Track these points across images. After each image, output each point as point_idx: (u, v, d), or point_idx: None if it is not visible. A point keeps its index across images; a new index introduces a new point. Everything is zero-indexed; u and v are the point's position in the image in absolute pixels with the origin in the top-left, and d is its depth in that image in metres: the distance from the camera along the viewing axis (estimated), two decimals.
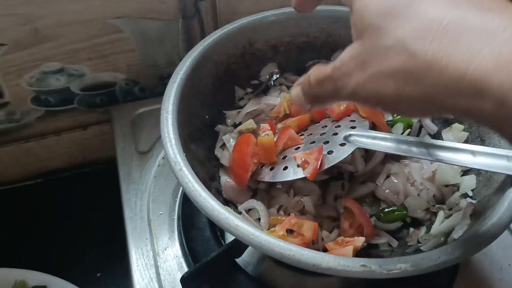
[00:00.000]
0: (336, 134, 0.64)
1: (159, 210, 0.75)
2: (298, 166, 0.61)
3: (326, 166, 0.59)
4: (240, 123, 0.72)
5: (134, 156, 0.83)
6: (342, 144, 0.62)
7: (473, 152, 0.55)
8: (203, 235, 0.69)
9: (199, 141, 0.66)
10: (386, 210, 0.66)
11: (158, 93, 0.99)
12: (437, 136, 0.71)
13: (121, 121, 0.88)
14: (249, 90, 0.75)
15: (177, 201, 0.75)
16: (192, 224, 0.71)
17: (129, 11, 0.87)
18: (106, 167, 0.90)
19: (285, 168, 0.62)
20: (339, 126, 0.66)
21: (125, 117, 0.89)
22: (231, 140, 0.68)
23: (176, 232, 0.72)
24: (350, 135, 0.63)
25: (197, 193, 0.50)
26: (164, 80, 1.01)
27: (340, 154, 0.60)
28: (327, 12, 0.74)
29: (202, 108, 0.67)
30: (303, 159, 0.60)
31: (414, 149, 0.58)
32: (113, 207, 0.79)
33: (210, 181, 0.65)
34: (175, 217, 0.74)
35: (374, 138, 0.62)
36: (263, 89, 0.76)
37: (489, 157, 0.52)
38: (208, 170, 0.66)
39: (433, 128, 0.71)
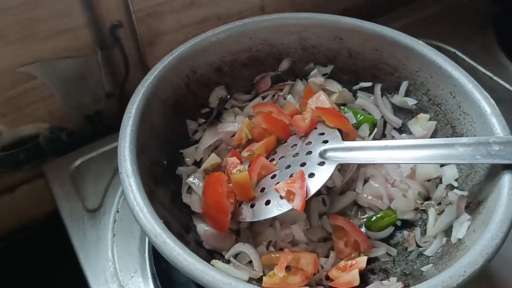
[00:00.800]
0: (310, 152, 0.60)
1: (129, 272, 0.67)
2: (281, 198, 0.56)
3: (312, 193, 0.55)
4: (201, 160, 0.66)
5: (84, 216, 0.73)
6: (321, 163, 0.58)
7: (452, 145, 0.54)
8: None
9: (165, 191, 0.59)
10: (375, 218, 0.63)
11: (88, 136, 0.90)
12: (404, 129, 0.69)
13: (58, 179, 0.78)
14: (201, 120, 0.68)
15: (147, 258, 0.68)
16: (173, 281, 0.64)
17: (40, 54, 0.77)
18: (48, 227, 0.81)
19: (267, 202, 0.57)
20: (310, 142, 0.62)
21: (62, 172, 0.79)
22: (197, 182, 0.62)
23: None
24: (325, 150, 0.60)
25: (193, 266, 0.43)
26: (92, 119, 0.92)
27: (323, 175, 0.57)
28: (266, 22, 0.69)
29: (160, 154, 0.60)
30: (286, 189, 0.55)
31: (395, 153, 0.56)
32: (70, 277, 0.70)
33: (186, 234, 0.58)
34: (149, 276, 0.66)
35: (351, 149, 0.59)
36: (215, 116, 0.69)
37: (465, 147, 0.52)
38: (181, 222, 0.59)
39: (398, 121, 0.69)
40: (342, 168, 0.64)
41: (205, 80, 0.68)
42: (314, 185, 0.55)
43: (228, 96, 0.71)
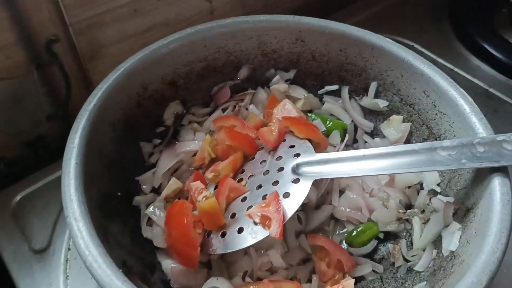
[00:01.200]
0: (281, 168, 0.54)
1: None
2: (255, 224, 0.50)
3: (289, 216, 0.50)
4: (160, 186, 0.59)
5: (32, 258, 0.65)
6: (295, 180, 0.52)
7: (434, 149, 0.49)
8: None
9: (121, 227, 0.52)
10: (355, 232, 0.58)
11: (32, 164, 0.81)
12: (376, 132, 0.65)
13: None
14: (157, 141, 0.61)
15: None
16: None
17: None
18: None
19: (240, 230, 0.51)
20: (280, 157, 0.56)
21: (1, 210, 0.69)
22: (158, 212, 0.55)
23: None
24: (298, 165, 0.54)
25: None
26: (34, 145, 0.83)
27: (299, 194, 0.51)
28: (221, 28, 0.63)
29: (112, 185, 0.53)
30: (260, 214, 0.49)
31: (374, 163, 0.51)
32: None
33: (151, 274, 0.51)
34: None
35: (326, 162, 0.53)
36: (172, 135, 0.63)
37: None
38: (144, 261, 0.52)
39: (369, 125, 0.65)
40: (315, 181, 0.58)
41: (158, 96, 0.61)
42: (291, 206, 0.50)
43: (185, 111, 0.65)
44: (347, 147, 0.64)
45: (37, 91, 0.76)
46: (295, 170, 0.53)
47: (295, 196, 0.51)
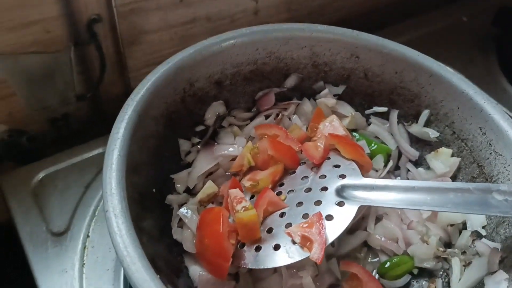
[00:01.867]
0: (325, 188, 0.52)
1: None
2: (294, 243, 0.47)
3: (330, 240, 0.47)
4: (194, 187, 0.57)
5: (49, 240, 0.63)
6: (340, 203, 0.50)
7: (490, 192, 0.47)
8: None
9: (152, 227, 0.49)
10: (389, 263, 0.56)
11: (52, 142, 0.79)
12: (420, 161, 0.63)
13: (17, 194, 0.67)
14: (196, 140, 0.59)
15: None
16: None
17: (2, 47, 0.66)
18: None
19: (277, 247, 0.48)
20: (324, 176, 0.54)
21: (22, 186, 0.68)
22: (190, 213, 0.52)
23: None
24: (342, 187, 0.52)
25: None
26: (58, 123, 0.82)
27: (343, 219, 0.49)
28: (276, 32, 0.60)
29: (148, 181, 0.51)
30: (300, 234, 0.47)
31: (423, 197, 0.49)
32: None
33: (177, 278, 0.49)
34: None
35: (372, 188, 0.51)
36: (211, 135, 0.60)
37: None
38: (170, 263, 0.49)
39: (414, 153, 0.63)
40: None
41: (202, 94, 0.59)
42: (334, 230, 0.48)
43: (227, 113, 0.62)
44: (389, 173, 0.62)
45: (71, 69, 0.75)
46: (339, 191, 0.51)
47: (339, 220, 0.48)
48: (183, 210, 0.53)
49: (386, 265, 0.56)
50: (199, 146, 0.59)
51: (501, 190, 0.47)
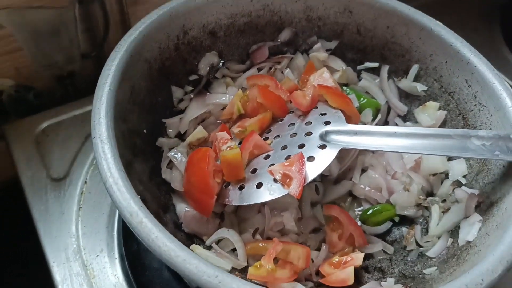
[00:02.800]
0: (310, 133, 0.54)
1: (94, 250, 0.60)
2: (275, 181, 0.49)
3: (311, 178, 0.49)
4: (185, 133, 0.59)
5: (48, 185, 0.66)
6: (322, 146, 0.52)
7: (469, 137, 0.48)
8: (160, 277, 0.56)
9: (143, 164, 0.51)
10: (371, 211, 0.58)
11: (59, 98, 0.82)
12: (409, 116, 0.64)
13: (20, 142, 0.70)
14: (189, 88, 0.61)
15: (115, 237, 0.61)
16: (143, 264, 0.57)
17: (9, 0, 0.68)
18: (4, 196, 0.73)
19: (259, 185, 0.50)
20: (309, 122, 0.55)
21: (25, 135, 0.71)
22: (180, 156, 0.55)
23: (121, 277, 0.58)
24: (326, 132, 0.53)
25: (173, 253, 0.36)
26: (64, 80, 0.84)
27: (323, 160, 0.50)
28: None
29: (139, 122, 0.53)
30: (282, 172, 0.49)
31: (404, 142, 0.50)
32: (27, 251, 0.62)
33: (164, 214, 0.51)
34: (117, 257, 0.59)
35: (355, 133, 0.52)
36: (204, 85, 0.62)
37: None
38: (159, 200, 0.52)
39: (403, 108, 0.64)
40: (340, 155, 0.57)
41: (196, 44, 0.61)
42: (314, 170, 0.49)
43: (220, 64, 0.64)
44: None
45: (75, 27, 0.77)
46: (323, 136, 0.53)
47: (320, 161, 0.50)
48: (173, 152, 0.56)
49: (369, 212, 0.58)
50: (192, 95, 0.61)
51: (479, 135, 0.48)
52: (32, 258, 0.63)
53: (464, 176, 0.56)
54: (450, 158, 0.58)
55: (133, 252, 0.58)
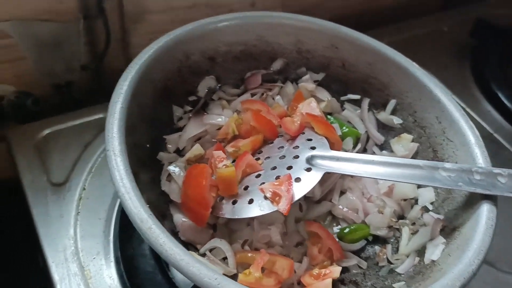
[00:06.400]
0: (297, 156, 0.60)
1: (91, 253, 0.64)
2: (265, 198, 0.55)
3: (297, 198, 0.55)
4: (183, 149, 0.64)
5: (48, 189, 0.69)
6: (308, 169, 0.58)
7: (436, 169, 0.55)
8: (153, 280, 0.60)
9: (145, 175, 0.56)
10: (348, 229, 0.64)
11: (53, 107, 0.85)
12: (385, 145, 0.70)
13: (22, 146, 0.73)
14: (188, 108, 0.67)
15: (111, 241, 0.65)
16: (136, 268, 0.62)
17: (18, 12, 0.73)
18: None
19: (251, 201, 0.56)
20: (297, 146, 0.61)
21: (27, 140, 0.74)
22: (178, 170, 0.60)
23: (116, 279, 0.62)
24: (312, 156, 0.59)
25: (178, 256, 0.42)
26: (61, 89, 0.88)
27: (309, 182, 0.56)
28: (266, 19, 0.68)
29: (143, 136, 0.58)
30: (272, 190, 0.55)
31: (380, 169, 0.57)
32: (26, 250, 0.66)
33: (162, 220, 0.56)
34: (112, 260, 0.63)
35: (338, 159, 0.59)
36: (202, 106, 0.68)
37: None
38: (158, 209, 0.57)
39: (380, 138, 0.70)
40: (322, 178, 0.64)
41: (196, 67, 0.67)
42: (300, 190, 0.55)
43: (217, 87, 0.69)
44: None
45: (78, 40, 0.81)
46: (309, 160, 0.59)
47: (306, 182, 0.56)
48: (172, 167, 0.61)
49: (345, 230, 0.64)
50: (190, 114, 0.66)
51: (446, 167, 0.55)
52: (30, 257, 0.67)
53: (432, 203, 0.62)
54: (419, 186, 0.64)
55: (128, 256, 0.62)
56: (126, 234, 0.65)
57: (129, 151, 0.51)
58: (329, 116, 0.71)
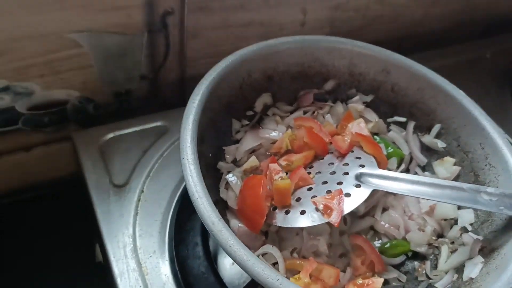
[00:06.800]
0: (347, 173, 0.64)
1: (148, 251, 0.70)
2: (317, 210, 0.60)
3: (347, 211, 0.59)
4: (240, 160, 0.69)
5: (110, 190, 0.75)
6: (357, 186, 0.62)
7: (479, 192, 0.58)
8: (206, 281, 0.65)
9: (207, 182, 0.61)
10: (389, 244, 0.67)
11: (113, 111, 0.91)
12: (428, 167, 0.74)
13: (87, 148, 0.80)
14: (245, 122, 0.72)
15: (166, 242, 0.70)
16: (190, 268, 0.67)
17: (91, 25, 0.79)
18: (54, 191, 0.84)
19: (303, 212, 0.60)
20: (347, 164, 0.66)
21: (92, 143, 0.80)
22: (235, 179, 0.65)
23: (170, 277, 0.67)
24: (361, 174, 0.64)
25: (245, 257, 0.47)
26: (120, 97, 0.94)
27: (358, 197, 0.61)
28: (324, 43, 0.73)
29: (208, 146, 0.63)
30: (323, 204, 0.59)
31: (425, 189, 0.61)
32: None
33: None
34: (167, 259, 0.69)
35: (385, 178, 0.63)
36: (257, 120, 0.73)
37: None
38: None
39: (423, 160, 0.74)
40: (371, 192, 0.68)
41: (256, 85, 0.72)
42: (349, 205, 0.59)
43: (272, 104, 0.75)
44: None
45: (140, 52, 0.86)
46: (358, 177, 0.63)
47: (355, 198, 0.60)
48: (230, 176, 0.66)
49: (387, 245, 0.68)
50: (247, 128, 0.72)
51: (488, 191, 0.59)
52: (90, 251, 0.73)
53: (471, 224, 0.66)
54: (460, 207, 0.68)
55: (182, 257, 0.67)
56: (180, 236, 0.70)
57: (199, 160, 0.57)
58: (375, 136, 0.75)
